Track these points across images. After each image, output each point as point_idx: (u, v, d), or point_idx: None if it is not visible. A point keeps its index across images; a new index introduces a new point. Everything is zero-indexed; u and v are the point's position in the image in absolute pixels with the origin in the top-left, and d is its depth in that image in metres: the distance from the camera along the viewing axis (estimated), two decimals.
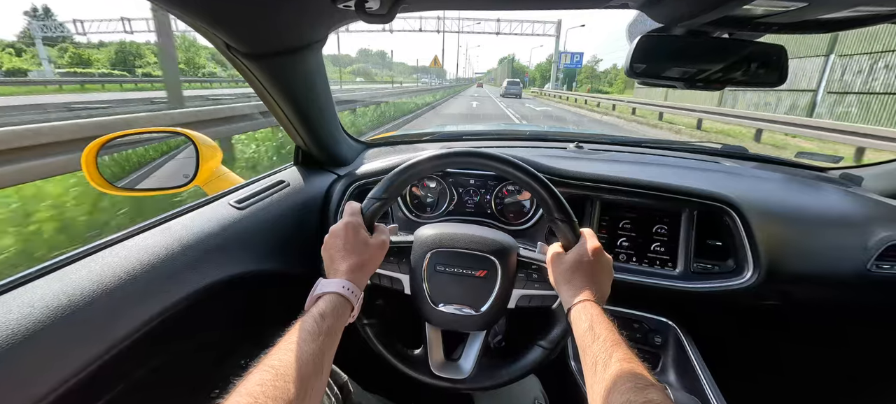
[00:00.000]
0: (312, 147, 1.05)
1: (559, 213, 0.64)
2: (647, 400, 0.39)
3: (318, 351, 0.47)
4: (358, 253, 0.60)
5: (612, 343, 0.48)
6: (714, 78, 0.77)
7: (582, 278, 0.58)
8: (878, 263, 0.92)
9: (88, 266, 0.56)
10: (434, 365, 0.73)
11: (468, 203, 1.10)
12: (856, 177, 1.19)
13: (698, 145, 1.44)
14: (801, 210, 1.00)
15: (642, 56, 0.74)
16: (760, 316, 1.10)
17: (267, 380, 0.40)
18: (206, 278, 0.68)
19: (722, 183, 1.01)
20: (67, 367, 0.48)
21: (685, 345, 0.95)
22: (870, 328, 1.14)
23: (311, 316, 0.50)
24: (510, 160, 0.67)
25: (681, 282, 0.94)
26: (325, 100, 0.95)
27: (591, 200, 1.01)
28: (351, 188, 1.06)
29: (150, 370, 0.63)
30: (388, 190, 0.66)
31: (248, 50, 0.67)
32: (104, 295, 0.54)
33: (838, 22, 0.57)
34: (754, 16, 0.57)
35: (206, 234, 0.72)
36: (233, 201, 0.83)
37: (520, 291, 0.69)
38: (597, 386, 0.45)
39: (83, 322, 0.51)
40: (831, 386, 1.22)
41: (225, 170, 1.00)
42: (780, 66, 0.73)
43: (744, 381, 1.07)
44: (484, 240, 0.71)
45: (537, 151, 1.27)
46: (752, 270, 0.91)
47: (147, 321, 0.58)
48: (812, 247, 0.95)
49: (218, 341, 0.82)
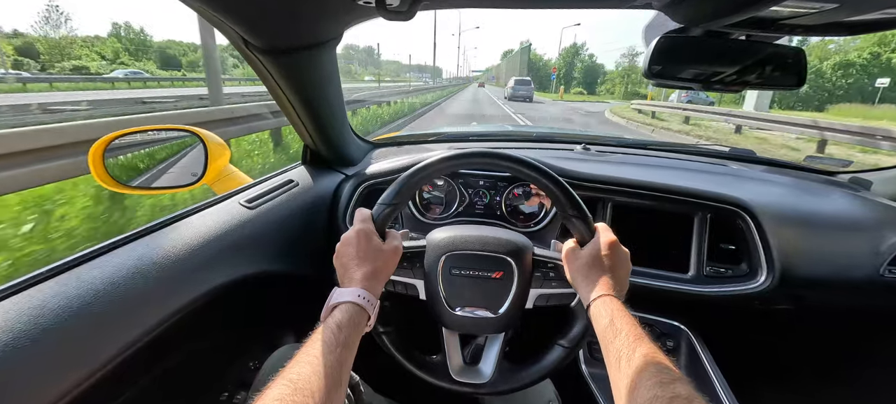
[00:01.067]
0: (321, 146, 1.04)
1: (572, 209, 0.63)
2: (674, 395, 0.38)
3: (337, 363, 0.45)
4: (372, 260, 0.59)
5: (635, 337, 0.47)
6: (730, 80, 0.77)
7: (599, 272, 0.57)
8: (890, 268, 0.92)
9: (100, 266, 0.55)
10: (454, 371, 0.71)
11: (478, 204, 1.09)
12: (865, 181, 1.19)
13: (706, 148, 1.44)
14: (813, 214, 0.99)
15: (660, 57, 0.73)
16: (773, 320, 1.10)
17: (286, 395, 0.39)
18: (218, 278, 0.67)
19: (733, 186, 1.01)
20: (81, 369, 0.47)
21: (697, 349, 0.94)
22: (883, 332, 1.13)
23: (328, 327, 0.49)
24: (522, 159, 0.66)
25: (693, 285, 0.93)
26: (337, 99, 0.94)
27: (602, 202, 1.01)
28: (360, 188, 1.05)
29: (163, 371, 0.62)
30: (399, 194, 0.65)
31: (266, 45, 0.66)
32: (117, 295, 0.52)
33: (865, 24, 0.56)
34: (780, 17, 0.56)
35: (217, 234, 0.71)
36: (243, 201, 0.82)
37: (537, 291, 0.68)
38: (621, 381, 0.44)
39: (96, 323, 0.50)
40: (843, 391, 1.22)
41: (233, 168, 0.99)
42: (798, 68, 0.73)
43: (756, 386, 1.06)
44: (498, 240, 0.70)
45: (544, 153, 1.27)
46: (766, 274, 0.90)
47: (160, 321, 0.57)
48: (825, 251, 0.94)
49: (227, 342, 0.80)
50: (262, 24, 0.62)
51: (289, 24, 0.63)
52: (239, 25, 0.60)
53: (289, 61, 0.72)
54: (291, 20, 0.63)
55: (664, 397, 0.39)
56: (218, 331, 0.76)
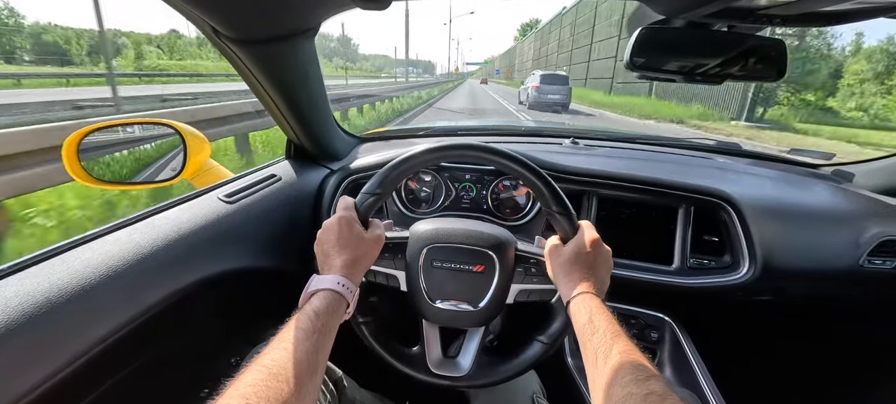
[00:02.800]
0: (305, 140, 1.02)
1: (556, 206, 0.63)
2: (649, 392, 0.39)
3: (313, 350, 0.45)
4: (352, 248, 0.59)
5: (613, 335, 0.48)
6: (713, 72, 0.77)
7: (580, 270, 0.57)
8: (870, 258, 0.93)
9: (67, 261, 0.53)
10: (432, 363, 0.71)
11: (464, 198, 1.08)
12: (847, 173, 1.20)
13: (692, 142, 1.44)
14: (795, 206, 1.00)
15: (641, 49, 0.73)
16: (755, 311, 1.11)
17: (259, 381, 0.39)
18: (194, 274, 0.66)
19: (718, 179, 1.01)
20: (45, 368, 0.46)
21: (681, 340, 0.95)
22: (862, 321, 1.15)
23: (305, 313, 0.49)
24: (507, 153, 0.65)
25: (677, 277, 0.94)
26: (319, 91, 0.93)
27: (588, 195, 1.01)
28: (345, 183, 1.04)
29: (136, 369, 0.61)
30: (383, 184, 0.65)
31: (237, 35, 0.65)
32: (84, 292, 0.51)
33: (841, 14, 0.56)
34: (756, 7, 0.56)
35: (193, 229, 0.69)
36: (222, 195, 0.81)
37: (518, 286, 0.68)
38: (598, 379, 0.45)
39: (62, 320, 0.48)
40: (824, 378, 1.24)
41: (214, 163, 0.97)
42: (779, 60, 0.73)
43: (739, 375, 1.07)
44: (481, 234, 0.70)
45: (533, 146, 1.26)
46: (747, 266, 0.91)
47: (131, 318, 0.55)
48: (806, 242, 0.95)
49: (208, 339, 0.79)
50: (232, 14, 0.60)
51: (260, 13, 0.62)
52: (206, 14, 0.58)
53: (263, 52, 0.71)
54: (263, 10, 0.61)
55: (639, 394, 0.39)
56: (198, 327, 0.75)
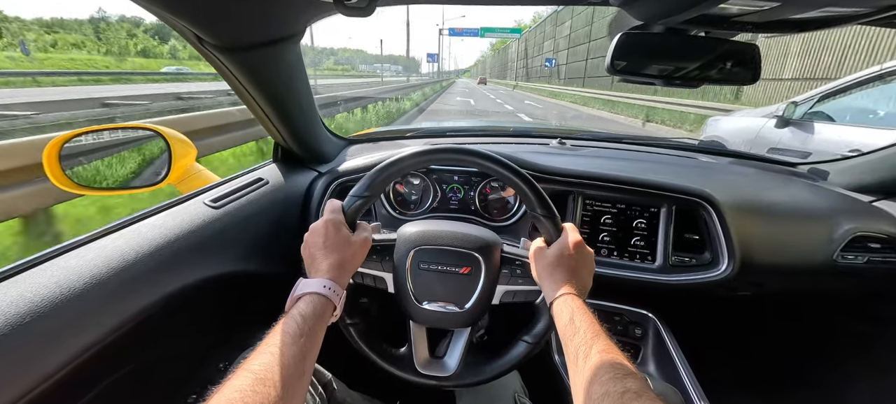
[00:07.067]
0: (292, 143, 1.02)
1: (541, 209, 0.64)
2: (625, 389, 0.40)
3: (300, 354, 0.45)
4: (339, 251, 0.59)
5: (593, 334, 0.49)
6: (691, 75, 0.79)
7: (563, 272, 0.59)
8: (843, 254, 0.97)
9: (49, 270, 0.53)
10: (419, 364, 0.72)
11: (452, 200, 1.09)
12: (822, 171, 1.24)
13: (676, 141, 1.48)
14: (772, 204, 1.03)
15: (622, 53, 0.75)
16: (735, 306, 1.15)
17: (246, 386, 0.39)
18: (179, 280, 0.66)
19: (699, 178, 1.04)
20: (29, 378, 0.46)
21: (664, 337, 0.97)
22: (836, 314, 1.19)
23: (291, 317, 0.49)
24: (492, 156, 0.66)
25: (659, 275, 0.96)
26: (305, 95, 0.93)
27: (573, 195, 1.02)
28: (332, 185, 1.04)
29: (122, 376, 0.60)
30: (371, 187, 0.65)
31: (221, 43, 0.64)
32: (68, 300, 0.51)
33: (811, 22, 0.59)
34: (730, 15, 0.58)
35: (178, 235, 0.69)
36: (207, 200, 0.80)
37: (504, 287, 0.69)
38: (578, 377, 0.46)
39: (46, 329, 0.48)
40: (801, 370, 1.28)
41: (200, 167, 0.96)
42: (754, 63, 0.76)
43: (720, 369, 1.11)
44: (467, 236, 0.71)
45: (521, 147, 1.28)
46: (726, 263, 0.94)
47: (117, 326, 0.55)
48: (783, 239, 0.99)
49: (195, 343, 0.79)
50: (213, 22, 0.60)
51: (241, 21, 0.62)
52: (191, 23, 0.58)
53: (247, 58, 0.71)
54: (244, 17, 0.61)
55: (615, 392, 0.40)
56: (185, 333, 0.75)
